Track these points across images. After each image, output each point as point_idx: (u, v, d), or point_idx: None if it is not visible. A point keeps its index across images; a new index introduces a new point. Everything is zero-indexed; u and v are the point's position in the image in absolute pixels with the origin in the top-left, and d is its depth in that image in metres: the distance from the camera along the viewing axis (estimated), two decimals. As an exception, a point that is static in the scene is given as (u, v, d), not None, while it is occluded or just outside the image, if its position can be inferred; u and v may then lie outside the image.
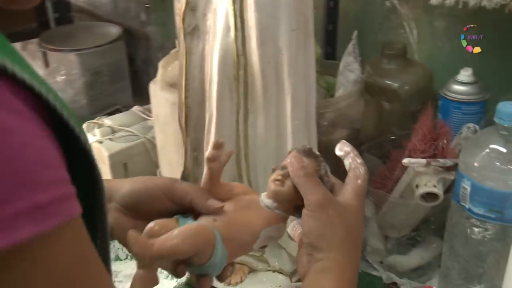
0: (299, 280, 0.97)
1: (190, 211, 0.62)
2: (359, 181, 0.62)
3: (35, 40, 1.74)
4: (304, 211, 0.58)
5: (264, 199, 0.61)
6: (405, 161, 0.86)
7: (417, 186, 0.90)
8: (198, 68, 0.85)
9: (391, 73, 1.10)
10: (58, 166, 0.37)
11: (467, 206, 0.85)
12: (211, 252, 0.54)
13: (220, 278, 0.60)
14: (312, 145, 0.90)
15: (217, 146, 0.60)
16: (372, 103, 1.11)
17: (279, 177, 0.61)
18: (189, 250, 0.53)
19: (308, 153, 0.61)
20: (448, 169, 0.90)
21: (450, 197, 0.90)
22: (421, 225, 1.00)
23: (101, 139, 1.36)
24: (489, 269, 0.89)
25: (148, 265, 0.53)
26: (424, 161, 0.87)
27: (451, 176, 0.90)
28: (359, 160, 0.63)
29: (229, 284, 0.96)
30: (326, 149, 1.02)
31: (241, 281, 0.97)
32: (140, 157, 1.35)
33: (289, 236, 0.68)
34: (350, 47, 1.00)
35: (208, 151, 0.59)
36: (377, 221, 1.01)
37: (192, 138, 0.91)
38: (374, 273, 1.03)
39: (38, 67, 1.85)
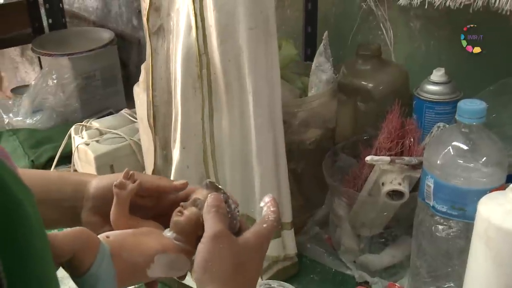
0: (269, 278, 0.98)
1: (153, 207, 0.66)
2: (264, 225, 0.62)
3: (28, 46, 1.77)
4: (199, 242, 0.59)
5: (166, 230, 0.64)
6: (368, 158, 0.87)
7: (383, 184, 0.91)
8: (164, 67, 0.87)
9: (366, 73, 1.11)
10: None
11: (431, 203, 0.86)
12: (92, 259, 0.54)
13: None
14: (278, 143, 0.91)
15: (127, 176, 0.64)
16: (348, 103, 1.12)
17: (180, 208, 0.63)
18: (64, 248, 0.52)
19: (209, 186, 0.65)
20: (414, 167, 0.90)
21: (417, 195, 0.90)
22: (392, 224, 1.00)
23: (87, 141, 1.38)
24: (456, 267, 0.89)
25: None
26: (388, 158, 0.87)
27: (417, 174, 0.90)
28: (272, 209, 0.64)
29: (199, 281, 0.97)
30: (298, 148, 1.04)
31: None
32: (126, 159, 1.37)
33: None
34: (321, 47, 1.01)
35: (118, 179, 0.63)
36: (349, 220, 1.01)
37: (160, 136, 0.92)
38: (348, 272, 1.03)
39: (36, 72, 1.89)
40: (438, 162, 0.84)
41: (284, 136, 1.03)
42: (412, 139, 0.92)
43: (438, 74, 1.05)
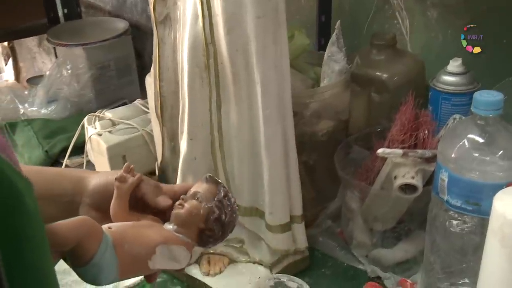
0: (279, 272, 0.96)
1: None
2: None
3: (45, 36, 1.77)
4: None
5: (167, 223, 0.64)
6: (380, 151, 0.85)
7: (395, 178, 0.88)
8: (171, 57, 0.85)
9: (380, 64, 1.08)
10: None
11: (445, 198, 0.83)
12: (95, 248, 0.54)
13: None
14: (288, 135, 0.89)
15: (127, 169, 0.64)
16: (361, 94, 1.10)
17: (180, 201, 0.64)
18: (69, 236, 0.52)
19: (209, 180, 0.67)
20: (428, 160, 0.88)
21: (431, 189, 0.88)
22: (406, 219, 0.98)
23: (100, 132, 1.37)
24: (471, 264, 0.86)
25: None
26: (400, 151, 0.85)
27: (431, 168, 0.88)
28: None
29: (208, 275, 0.96)
30: (310, 140, 1.02)
31: (220, 272, 0.96)
32: (138, 149, 1.36)
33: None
34: (333, 37, 0.99)
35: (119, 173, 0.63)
36: (361, 214, 0.99)
37: (168, 127, 0.91)
38: (360, 266, 1.01)
39: (52, 62, 1.89)
40: (453, 155, 0.81)
41: (296, 128, 1.01)
42: (426, 132, 0.89)
43: (455, 65, 1.02)
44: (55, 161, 1.46)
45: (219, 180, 0.67)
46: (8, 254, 0.38)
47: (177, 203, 0.65)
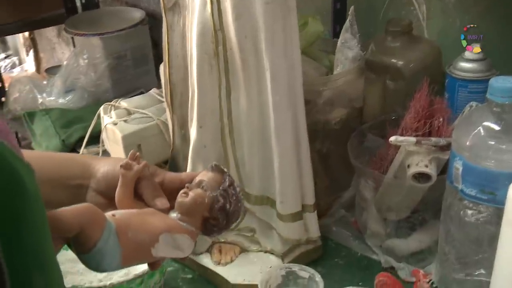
0: (291, 261, 0.95)
1: None
2: None
3: (63, 26, 1.77)
4: None
5: (171, 211, 0.64)
6: (392, 139, 0.83)
7: (408, 166, 0.86)
8: (180, 44, 0.85)
9: (396, 50, 1.06)
10: None
11: (459, 187, 0.81)
12: (98, 234, 0.54)
13: None
14: (299, 122, 0.87)
15: (133, 157, 0.64)
16: (376, 82, 1.08)
17: (185, 190, 0.64)
18: (72, 222, 0.52)
19: (215, 168, 0.67)
20: (442, 148, 0.86)
21: (446, 178, 0.86)
22: (420, 208, 0.96)
23: (116, 121, 1.37)
24: (486, 254, 0.84)
25: None
26: (413, 139, 0.83)
27: (445, 156, 0.86)
28: None
29: (219, 264, 0.95)
30: (323, 128, 1.00)
31: (232, 261, 0.96)
32: (154, 139, 1.36)
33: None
34: (347, 23, 0.97)
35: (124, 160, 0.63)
36: (375, 203, 0.97)
37: (178, 115, 0.90)
38: (373, 257, 1.00)
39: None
40: (467, 143, 0.79)
41: (309, 116, 0.99)
42: (441, 119, 0.87)
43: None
44: (72, 150, 1.47)
45: (225, 169, 0.67)
46: (8, 238, 0.38)
47: (181, 191, 0.64)
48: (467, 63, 1.00)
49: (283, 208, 0.90)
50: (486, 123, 0.78)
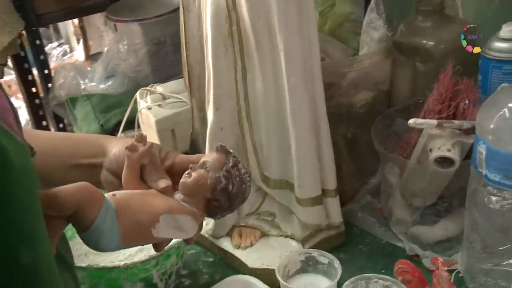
0: (312, 247, 0.93)
1: None
2: None
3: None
4: None
5: (175, 192, 0.63)
6: (411, 121, 0.80)
7: (430, 150, 0.83)
8: (196, 25, 0.84)
9: (426, 31, 1.02)
10: None
11: (483, 172, 0.77)
12: (95, 213, 0.53)
13: None
14: (318, 104, 0.85)
15: (139, 139, 0.64)
16: (406, 64, 1.04)
17: (189, 170, 0.64)
18: (67, 200, 0.52)
19: (220, 149, 0.66)
20: (466, 132, 0.82)
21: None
22: (447, 195, 0.92)
23: (150, 106, 1.39)
24: (513, 243, 0.80)
25: None
26: (434, 122, 0.80)
27: (470, 140, 0.82)
28: None
29: (239, 247, 0.95)
30: (348, 112, 0.97)
31: (251, 245, 0.95)
32: (187, 124, 1.34)
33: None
34: (372, 3, 0.94)
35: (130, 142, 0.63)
36: (399, 189, 0.94)
37: (197, 97, 0.90)
38: (399, 244, 0.97)
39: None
40: (491, 126, 0.75)
41: (332, 99, 0.97)
42: (467, 101, 0.83)
43: (508, 30, 0.94)
44: (110, 135, 1.50)
45: (230, 150, 0.66)
46: None
47: (186, 172, 0.64)
48: (502, 43, 0.94)
49: (301, 192, 0.88)
50: (511, 105, 0.74)
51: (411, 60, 1.03)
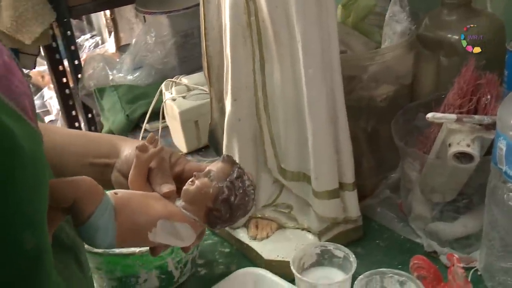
0: (328, 240, 0.93)
1: None
2: None
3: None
4: None
5: (177, 199, 0.63)
6: (429, 115, 0.78)
7: (449, 145, 0.82)
8: (216, 16, 0.84)
9: (451, 24, 1.00)
10: None
11: (503, 168, 0.76)
12: (92, 208, 0.53)
13: None
14: (336, 97, 0.85)
15: (151, 140, 0.64)
16: (430, 58, 1.02)
17: (192, 178, 0.64)
18: (65, 192, 0.52)
19: (225, 159, 0.65)
20: (487, 127, 0.80)
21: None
22: (467, 191, 0.90)
23: (174, 97, 1.40)
24: (534, 243, 0.78)
25: None
26: (453, 116, 0.78)
27: (490, 136, 0.80)
28: None
29: (255, 239, 0.95)
30: (368, 105, 0.97)
31: (268, 237, 0.95)
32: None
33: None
34: (395, -5, 0.93)
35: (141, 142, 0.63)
36: (419, 184, 0.93)
37: (216, 88, 0.90)
38: (417, 240, 0.96)
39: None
40: (512, 121, 0.73)
41: (353, 92, 0.97)
42: (489, 96, 0.81)
43: (535, 24, 0.92)
44: (136, 125, 1.52)
45: (236, 161, 0.66)
46: None
47: (189, 180, 0.64)
48: (529, 38, 0.92)
49: (318, 184, 0.88)
50: (533, 100, 0.72)
51: (436, 54, 1.01)
